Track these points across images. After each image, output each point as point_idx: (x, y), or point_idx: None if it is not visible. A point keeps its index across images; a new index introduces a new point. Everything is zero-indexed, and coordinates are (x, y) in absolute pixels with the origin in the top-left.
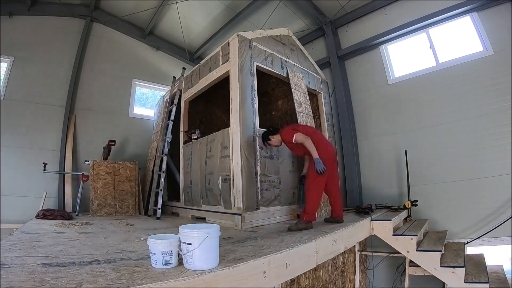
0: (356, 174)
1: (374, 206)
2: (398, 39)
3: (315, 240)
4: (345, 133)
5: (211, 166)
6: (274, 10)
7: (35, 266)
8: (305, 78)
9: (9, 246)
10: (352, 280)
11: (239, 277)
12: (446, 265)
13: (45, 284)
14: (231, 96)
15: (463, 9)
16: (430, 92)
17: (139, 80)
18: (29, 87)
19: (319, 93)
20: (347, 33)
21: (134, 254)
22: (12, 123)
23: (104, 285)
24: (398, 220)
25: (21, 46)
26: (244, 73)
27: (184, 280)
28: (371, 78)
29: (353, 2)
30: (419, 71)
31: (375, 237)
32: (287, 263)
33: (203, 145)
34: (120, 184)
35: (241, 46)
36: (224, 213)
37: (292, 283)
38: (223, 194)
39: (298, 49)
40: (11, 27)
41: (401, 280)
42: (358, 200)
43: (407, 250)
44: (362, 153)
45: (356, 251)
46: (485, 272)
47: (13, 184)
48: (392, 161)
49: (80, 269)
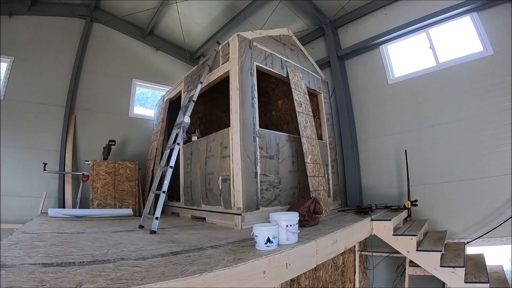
0: (356, 174)
1: (374, 206)
2: (398, 39)
3: (315, 240)
4: (345, 133)
5: (211, 166)
6: (274, 10)
7: (35, 266)
8: (305, 78)
9: (9, 246)
10: (352, 280)
11: (239, 277)
12: (446, 265)
13: (45, 284)
14: (231, 96)
15: (463, 9)
16: (430, 92)
17: (139, 80)
18: (29, 87)
19: (319, 93)
20: (347, 33)
21: (134, 254)
22: (12, 123)
23: (104, 285)
24: (398, 220)
25: (21, 46)
26: (244, 73)
27: (184, 280)
28: (371, 78)
29: (353, 2)
30: (419, 71)
31: (375, 237)
32: (287, 263)
33: (203, 145)
34: (120, 184)
35: (241, 46)
36: (224, 213)
37: (292, 283)
38: (223, 194)
39: (298, 49)
40: (11, 27)
41: (401, 280)
42: (358, 200)
43: (407, 250)
44: (362, 153)
45: (356, 251)
46: (485, 272)
47: (13, 184)
48: (392, 161)
49: (80, 269)
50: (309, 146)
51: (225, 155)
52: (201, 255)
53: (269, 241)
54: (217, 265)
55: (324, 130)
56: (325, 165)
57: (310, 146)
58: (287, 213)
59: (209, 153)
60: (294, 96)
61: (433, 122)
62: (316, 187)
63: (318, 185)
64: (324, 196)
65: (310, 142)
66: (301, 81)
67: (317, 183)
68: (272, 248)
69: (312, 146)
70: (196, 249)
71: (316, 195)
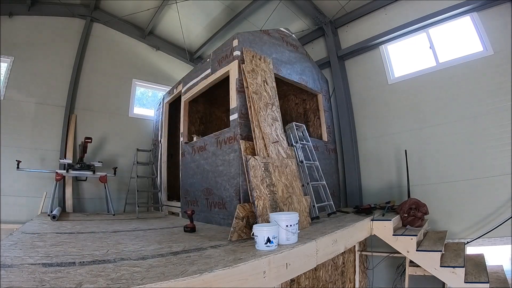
0: (356, 174)
1: (374, 206)
2: (398, 39)
3: (315, 240)
4: (345, 133)
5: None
6: (274, 10)
7: (35, 266)
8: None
9: (9, 246)
10: (352, 280)
11: (239, 277)
12: (446, 265)
13: (45, 284)
14: (231, 96)
15: (463, 9)
16: (430, 92)
17: (139, 80)
18: (29, 87)
19: (319, 93)
20: (347, 33)
21: (134, 254)
22: (12, 123)
23: (104, 285)
24: (398, 220)
25: (21, 46)
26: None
27: (184, 280)
28: (371, 78)
29: (353, 2)
30: (419, 71)
31: (375, 237)
32: (287, 263)
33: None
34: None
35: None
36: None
37: (292, 283)
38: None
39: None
40: (11, 27)
41: (401, 280)
42: (358, 200)
43: (407, 250)
44: (362, 153)
45: (356, 251)
46: (485, 272)
47: (13, 184)
48: (392, 161)
49: (80, 269)
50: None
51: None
52: (201, 255)
53: (269, 241)
54: (217, 265)
55: (324, 130)
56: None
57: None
58: (287, 213)
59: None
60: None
61: (433, 122)
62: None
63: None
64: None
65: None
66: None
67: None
68: (272, 248)
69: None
70: (196, 249)
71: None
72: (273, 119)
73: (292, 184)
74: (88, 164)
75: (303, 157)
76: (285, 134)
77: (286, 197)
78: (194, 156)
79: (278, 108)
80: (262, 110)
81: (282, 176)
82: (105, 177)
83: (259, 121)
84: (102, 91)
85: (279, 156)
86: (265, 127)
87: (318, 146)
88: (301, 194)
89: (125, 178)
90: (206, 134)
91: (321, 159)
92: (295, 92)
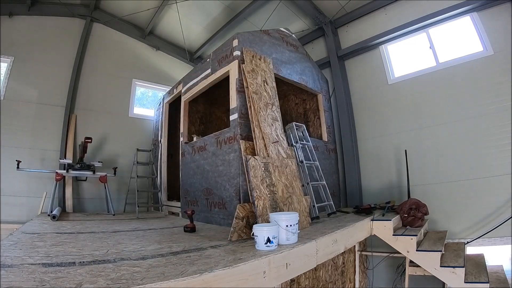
0: (356, 174)
1: (374, 206)
2: (398, 39)
3: (315, 240)
4: (345, 133)
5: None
6: (274, 10)
7: (35, 266)
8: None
9: (9, 246)
10: (352, 280)
11: (239, 277)
12: (446, 265)
13: (45, 284)
14: (231, 96)
15: (463, 9)
16: (430, 92)
17: (139, 80)
18: (29, 87)
19: (319, 93)
20: (347, 33)
21: (134, 254)
22: (12, 123)
23: (104, 285)
24: (398, 220)
25: (21, 46)
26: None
27: (184, 280)
28: (371, 78)
29: (353, 2)
30: (419, 71)
31: (375, 237)
32: (287, 263)
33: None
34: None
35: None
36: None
37: (292, 283)
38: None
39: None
40: (11, 27)
41: (401, 280)
42: (358, 200)
43: (407, 250)
44: (362, 153)
45: (356, 251)
46: (485, 272)
47: (13, 184)
48: (392, 161)
49: (80, 269)
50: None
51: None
52: (201, 255)
53: (269, 241)
54: (217, 265)
55: (324, 130)
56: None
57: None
58: (287, 213)
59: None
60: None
61: (433, 122)
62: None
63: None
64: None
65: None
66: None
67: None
68: (272, 248)
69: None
70: (196, 249)
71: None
72: (273, 119)
73: (292, 184)
74: (88, 164)
75: (303, 157)
76: (285, 134)
77: (286, 197)
78: (194, 156)
79: (278, 108)
80: (262, 110)
81: (282, 176)
82: (105, 177)
83: (259, 121)
84: (102, 91)
85: (279, 156)
86: (265, 127)
87: (318, 146)
88: (301, 194)
89: (125, 178)
90: (206, 134)
91: (321, 159)
92: (295, 92)
